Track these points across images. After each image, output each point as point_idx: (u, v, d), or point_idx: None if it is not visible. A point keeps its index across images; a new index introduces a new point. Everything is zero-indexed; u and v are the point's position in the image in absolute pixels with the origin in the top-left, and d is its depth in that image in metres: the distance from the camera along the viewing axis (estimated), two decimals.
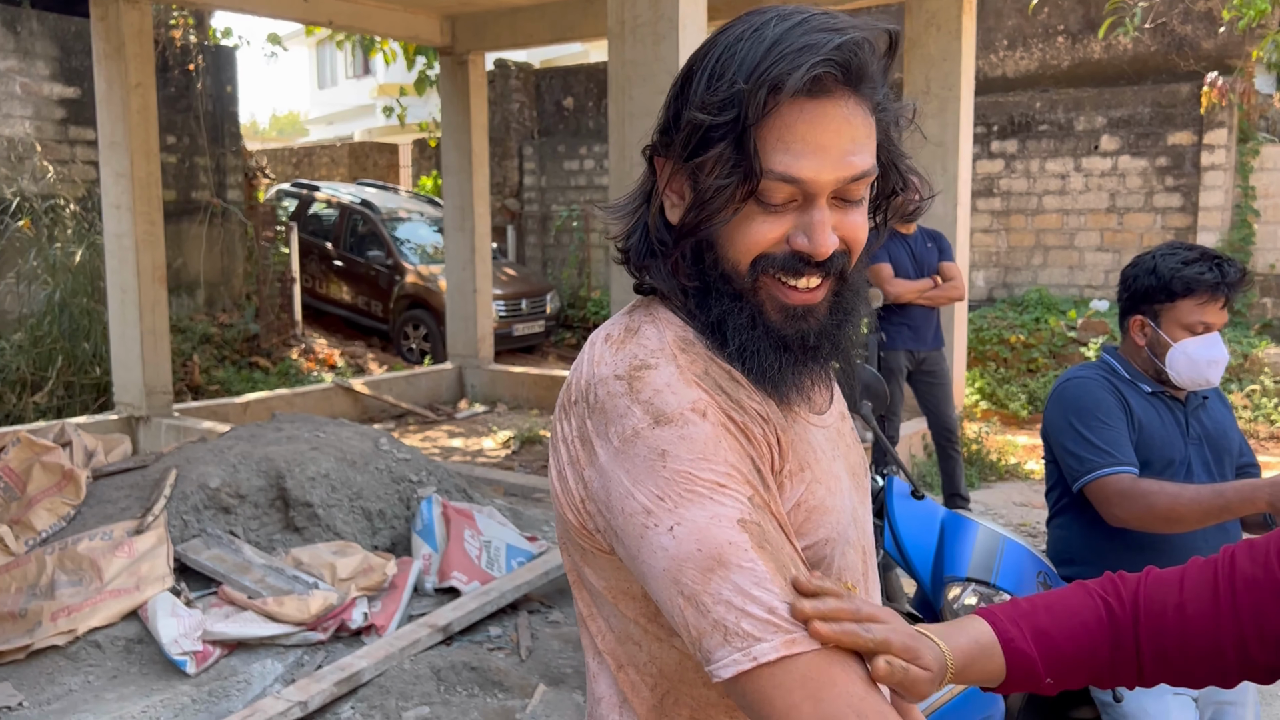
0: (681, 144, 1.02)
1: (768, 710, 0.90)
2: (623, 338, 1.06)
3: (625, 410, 0.99)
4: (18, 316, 9.10)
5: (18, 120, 9.53)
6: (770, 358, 1.04)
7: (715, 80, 0.99)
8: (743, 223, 1.01)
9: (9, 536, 3.96)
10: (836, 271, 1.04)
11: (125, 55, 7.33)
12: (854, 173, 1.00)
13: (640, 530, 0.96)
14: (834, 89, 0.98)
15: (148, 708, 3.35)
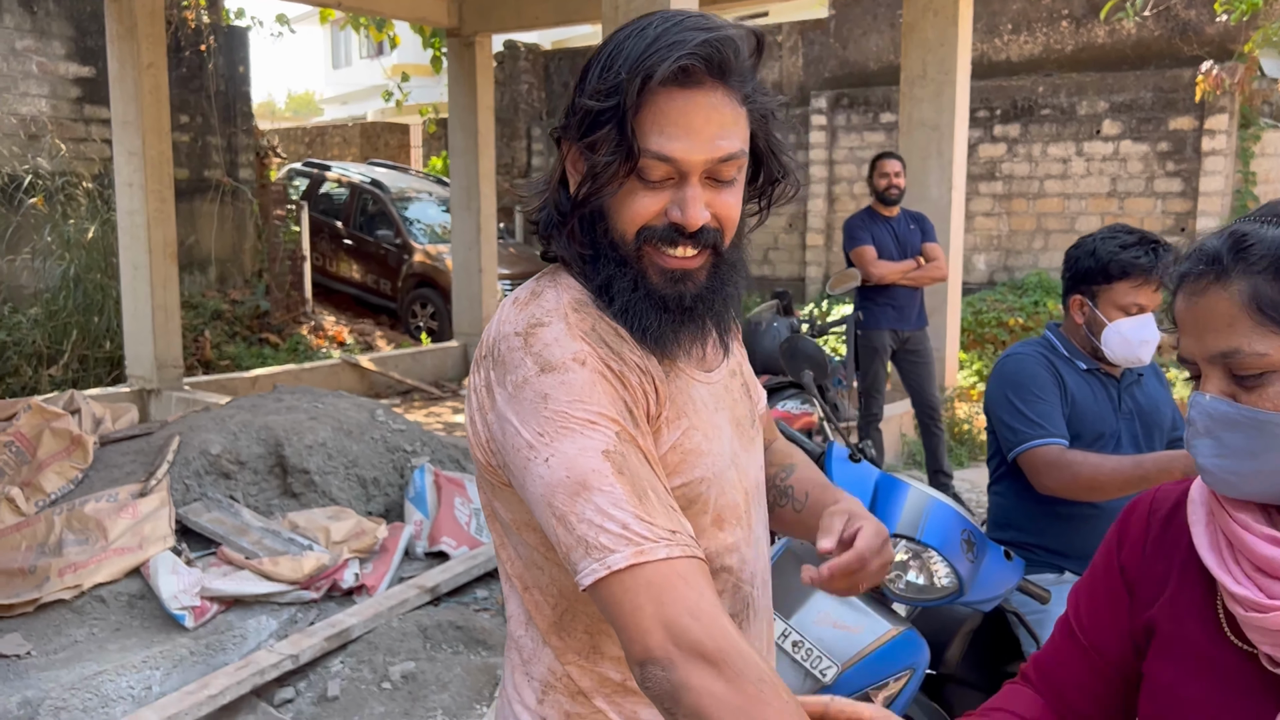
0: (576, 126, 1.17)
1: (617, 611, 1.03)
2: (527, 300, 1.21)
3: (519, 361, 1.14)
4: (33, 291, 9.31)
5: (34, 99, 9.72)
6: (650, 316, 1.18)
7: (604, 71, 1.15)
8: (627, 197, 1.17)
9: (20, 498, 4.15)
10: (710, 244, 1.19)
11: (138, 35, 7.49)
12: (721, 154, 1.15)
13: (524, 462, 1.10)
14: (703, 80, 1.13)
15: (148, 658, 3.54)
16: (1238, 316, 0.97)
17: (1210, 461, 1.02)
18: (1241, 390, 0.98)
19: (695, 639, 1.00)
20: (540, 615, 1.26)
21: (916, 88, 7.53)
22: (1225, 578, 1.04)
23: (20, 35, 9.56)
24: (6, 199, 9.14)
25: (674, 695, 1.00)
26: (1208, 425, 1.01)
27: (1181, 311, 1.03)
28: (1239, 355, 0.97)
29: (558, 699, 1.26)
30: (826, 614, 2.29)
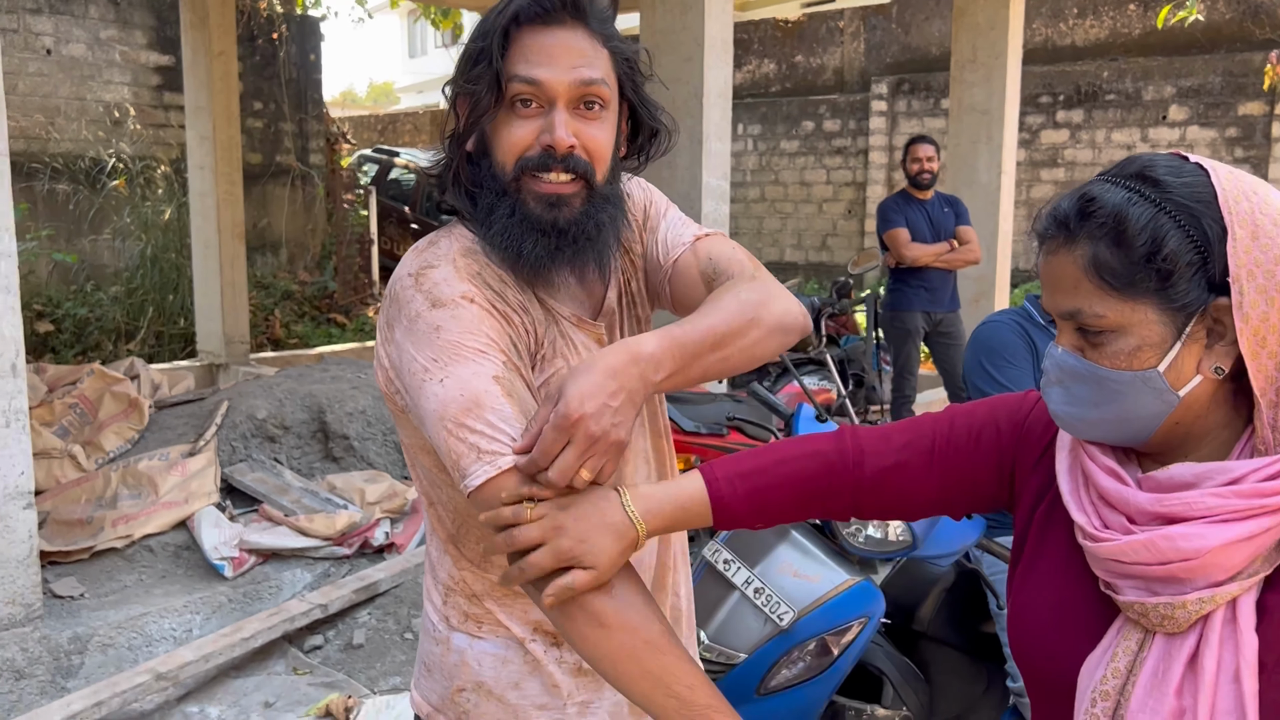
0: (458, 74, 1.31)
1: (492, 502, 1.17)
2: (424, 248, 1.34)
3: (411, 299, 1.27)
4: (114, 270, 9.79)
5: (117, 86, 10.20)
6: (527, 240, 1.29)
7: (481, 23, 1.30)
8: (503, 127, 1.29)
9: (81, 455, 4.46)
10: (580, 172, 1.29)
11: (209, 25, 7.84)
12: (582, 78, 1.27)
13: (419, 384, 1.23)
14: (564, 19, 1.27)
15: (189, 603, 3.80)
16: (1080, 279, 1.02)
17: (1060, 408, 1.09)
18: (1088, 345, 1.04)
19: None
20: (441, 527, 1.42)
21: (966, 72, 7.50)
22: (1071, 503, 1.10)
23: (104, 25, 10.04)
24: (90, 181, 9.62)
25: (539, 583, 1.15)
26: (1058, 375, 1.07)
27: (1040, 267, 1.09)
28: (1081, 315, 1.02)
29: (457, 600, 1.42)
30: (788, 564, 2.41)
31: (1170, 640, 1.01)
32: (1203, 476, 1.00)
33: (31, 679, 3.40)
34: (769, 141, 12.64)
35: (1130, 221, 0.99)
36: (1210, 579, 0.98)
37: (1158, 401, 1.01)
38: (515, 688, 1.41)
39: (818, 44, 12.59)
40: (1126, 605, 1.04)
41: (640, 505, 1.18)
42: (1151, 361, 1.00)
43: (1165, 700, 0.99)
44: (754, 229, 12.92)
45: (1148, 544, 1.00)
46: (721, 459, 1.27)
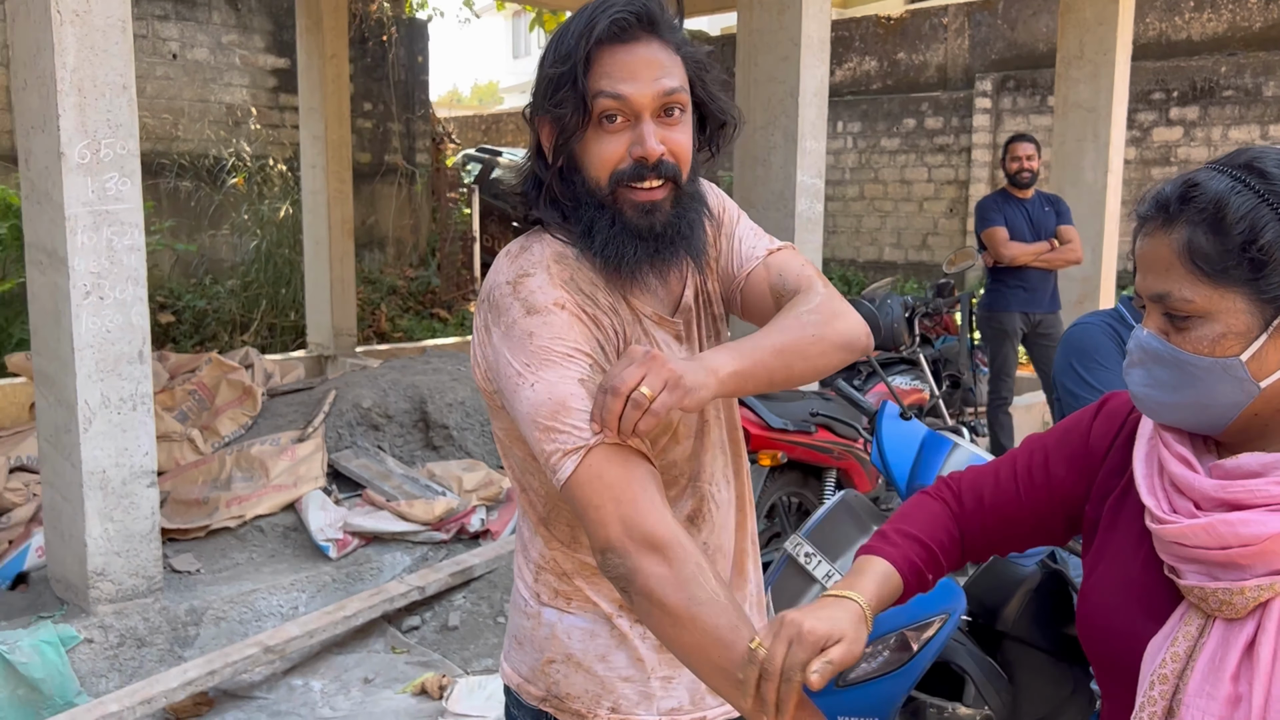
0: (541, 97, 1.38)
1: (584, 508, 1.25)
2: (517, 253, 1.42)
3: (509, 305, 1.36)
4: (231, 265, 10.24)
5: (236, 88, 10.66)
6: (628, 246, 1.38)
7: (557, 46, 1.37)
8: (593, 144, 1.36)
9: (199, 439, 4.72)
10: (670, 176, 1.37)
11: (323, 29, 8.15)
12: (664, 89, 1.34)
13: (514, 387, 1.32)
14: (639, 34, 1.34)
15: (295, 581, 4.00)
16: (1173, 262, 1.03)
17: (1140, 389, 1.11)
18: (1173, 329, 1.06)
19: (645, 531, 1.22)
20: (533, 511, 1.51)
21: (1073, 68, 7.34)
22: (1143, 487, 1.13)
23: (226, 31, 10.50)
24: (211, 179, 10.08)
25: (628, 578, 1.23)
26: (1140, 357, 1.10)
27: (1137, 251, 1.11)
28: (1169, 299, 1.04)
29: (548, 578, 1.51)
30: None
31: (1229, 626, 1.02)
32: (1269, 466, 1.02)
33: (152, 647, 3.62)
34: (869, 139, 12.53)
35: (1230, 209, 1.00)
36: (1270, 566, 1.00)
37: (1237, 390, 1.03)
38: (602, 660, 1.49)
39: (920, 40, 12.42)
40: (1188, 589, 1.05)
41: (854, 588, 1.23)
42: (1234, 350, 1.02)
43: (1221, 685, 1.00)
44: (852, 227, 12.82)
45: (1208, 528, 1.02)
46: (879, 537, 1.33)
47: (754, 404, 3.73)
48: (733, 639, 1.17)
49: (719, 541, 1.55)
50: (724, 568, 1.57)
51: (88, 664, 3.48)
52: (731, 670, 1.16)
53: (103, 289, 3.41)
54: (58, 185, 3.32)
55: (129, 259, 3.46)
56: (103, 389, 3.44)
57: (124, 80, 3.38)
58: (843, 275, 12.37)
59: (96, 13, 3.31)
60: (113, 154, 3.38)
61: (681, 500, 1.50)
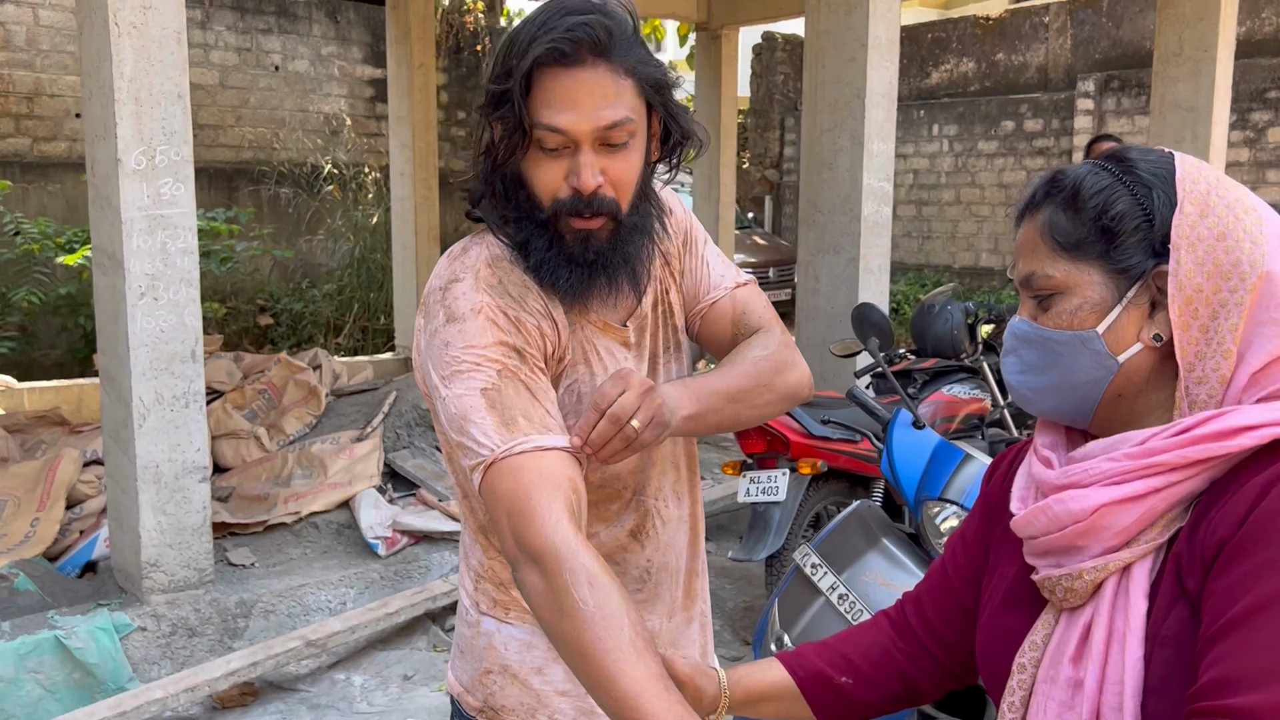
0: (486, 106, 1.35)
1: (493, 523, 1.25)
2: (457, 255, 1.41)
3: (435, 312, 1.35)
4: (327, 269, 10.56)
5: (334, 98, 10.99)
6: (561, 270, 1.36)
7: (503, 57, 1.32)
8: (534, 165, 1.33)
9: (265, 437, 4.86)
10: (606, 211, 1.33)
11: (411, 39, 8.34)
12: (605, 123, 1.29)
13: (436, 399, 1.33)
14: (584, 57, 1.27)
15: (345, 577, 4.08)
16: (1037, 243, 1.06)
17: (1013, 377, 1.11)
18: (1039, 311, 1.07)
19: (527, 541, 1.18)
20: (473, 518, 1.49)
21: (1170, 67, 7.03)
22: (1015, 498, 1.11)
23: (325, 43, 10.84)
24: (308, 186, 10.41)
25: (521, 590, 1.20)
26: (1013, 343, 1.10)
27: (1015, 241, 1.13)
28: (1034, 278, 1.06)
29: (486, 587, 1.50)
30: (877, 571, 2.37)
31: (1072, 612, 1.02)
32: (1111, 446, 1.02)
33: (202, 637, 3.74)
34: (965, 142, 12.20)
35: (1085, 187, 1.04)
36: (1103, 543, 0.99)
37: (1096, 366, 1.03)
38: (538, 673, 1.46)
39: (1020, 40, 12.04)
40: (1039, 583, 1.05)
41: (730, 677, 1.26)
42: (1091, 322, 1.02)
43: (1062, 669, 1.00)
44: (948, 232, 12.51)
45: (1044, 509, 1.03)
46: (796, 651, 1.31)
47: (796, 410, 3.66)
48: (593, 652, 1.10)
49: (664, 559, 1.51)
50: (671, 587, 1.52)
51: (141, 651, 3.62)
52: (598, 686, 1.10)
53: (157, 290, 3.54)
54: (116, 191, 3.46)
55: (182, 261, 3.59)
56: (156, 386, 3.58)
57: (178, 89, 3.51)
58: (937, 281, 12.07)
59: (153, 24, 3.45)
60: (167, 160, 3.52)
61: (624, 515, 1.47)
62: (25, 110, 9.26)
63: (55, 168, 9.34)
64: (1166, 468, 0.96)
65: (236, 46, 10.30)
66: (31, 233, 8.39)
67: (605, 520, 1.46)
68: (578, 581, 1.14)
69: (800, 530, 3.72)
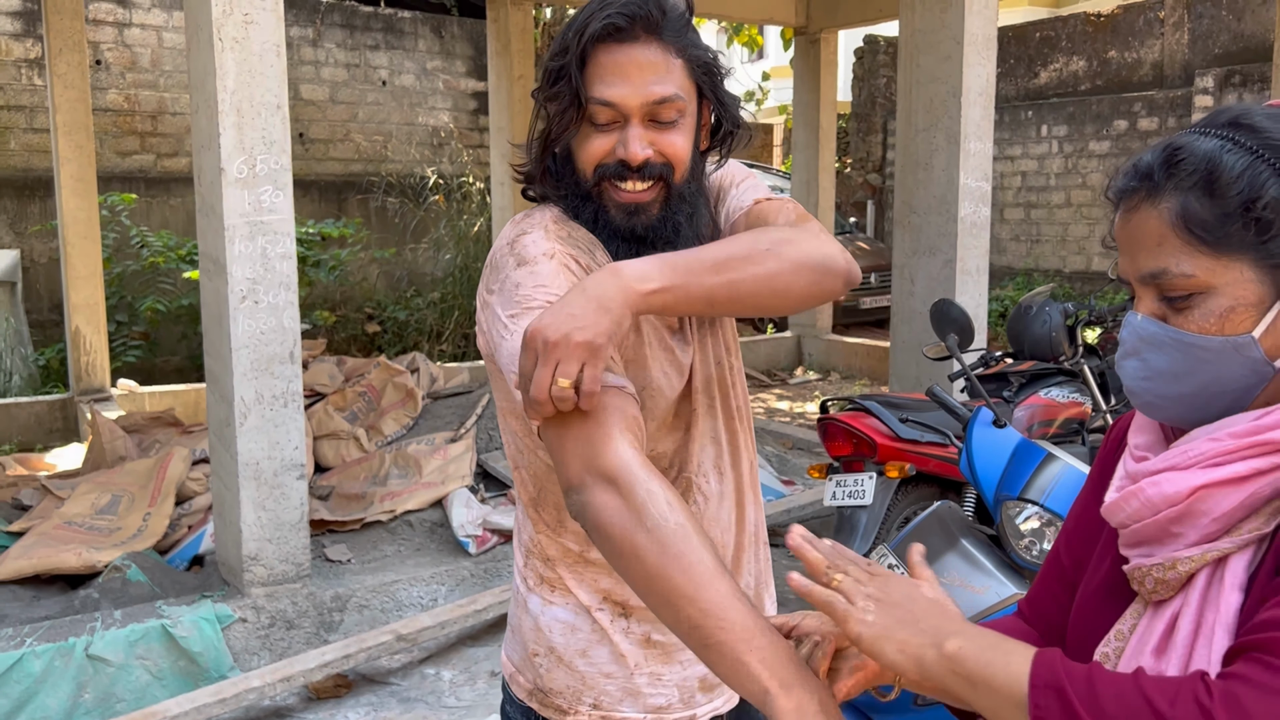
0: (542, 85, 1.40)
1: (552, 451, 1.22)
2: (520, 219, 1.44)
3: (505, 262, 1.37)
4: (431, 278, 10.82)
5: (439, 111, 11.26)
6: (611, 245, 1.38)
7: (562, 36, 1.37)
8: (583, 140, 1.37)
9: (364, 438, 5.00)
10: (658, 176, 1.35)
11: (510, 51, 8.51)
12: (655, 97, 1.32)
13: (499, 340, 1.32)
14: (638, 34, 1.31)
15: (436, 574, 4.17)
16: (1166, 235, 0.94)
17: (1136, 383, 1.00)
18: (1171, 311, 0.95)
19: (600, 463, 1.15)
20: (525, 491, 1.51)
21: None
22: (1111, 489, 1.03)
23: (430, 57, 11.12)
24: (415, 196, 10.70)
25: (584, 513, 1.17)
26: (1135, 345, 0.99)
27: (1118, 230, 1.01)
28: (1166, 275, 0.94)
29: (534, 563, 1.51)
30: (955, 573, 2.31)
31: (1160, 604, 0.96)
32: (1215, 428, 0.93)
33: (299, 629, 3.87)
34: (1076, 143, 11.82)
35: (1224, 168, 0.91)
36: (1200, 530, 0.91)
37: (1250, 373, 0.92)
38: (583, 655, 1.46)
39: (1134, 37, 11.62)
40: (1129, 574, 0.98)
41: None
42: (1246, 325, 0.91)
43: (1143, 661, 0.93)
44: (1058, 235, 12.13)
45: (1136, 493, 0.95)
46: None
47: (882, 413, 3.60)
48: (678, 566, 1.07)
49: (715, 535, 1.51)
50: None
51: (241, 641, 3.75)
52: (679, 602, 1.06)
53: (257, 294, 3.69)
54: (219, 198, 3.62)
55: (281, 266, 3.72)
56: (257, 386, 3.72)
57: (277, 100, 3.65)
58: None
59: (254, 39, 3.59)
60: (267, 169, 3.66)
61: None
62: (150, 128, 9.74)
63: (176, 182, 9.80)
64: (1274, 447, 0.88)
65: (346, 63, 10.65)
66: (155, 245, 8.83)
67: None
68: (657, 500, 1.11)
69: (887, 535, 3.65)
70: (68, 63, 6.97)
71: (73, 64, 6.99)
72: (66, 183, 7.05)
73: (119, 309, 8.64)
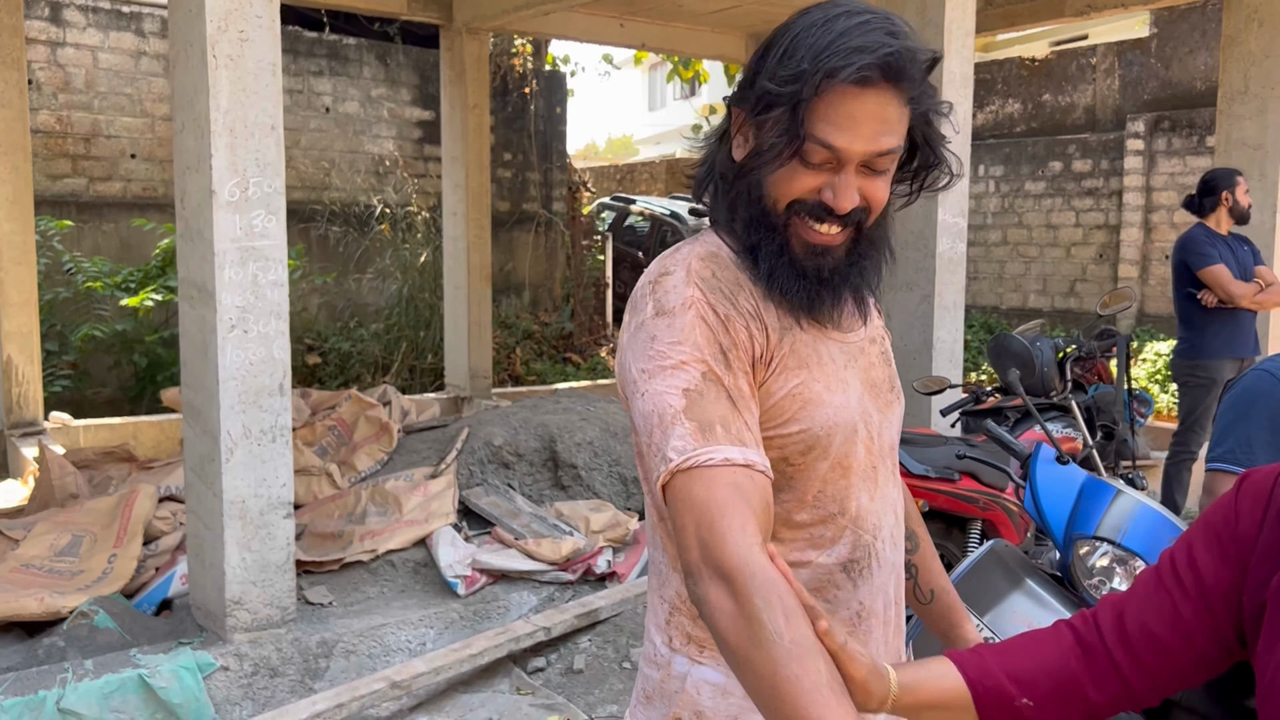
0: (752, 102, 1.28)
1: (675, 528, 1.18)
2: (669, 253, 1.36)
3: (644, 305, 1.30)
4: (375, 308, 10.57)
5: (384, 139, 11.07)
6: (790, 282, 1.29)
7: (786, 58, 1.23)
8: (787, 174, 1.27)
9: (337, 474, 4.80)
10: (854, 223, 1.28)
11: (465, 81, 8.40)
12: (880, 149, 1.24)
13: (632, 394, 1.27)
14: (877, 82, 1.21)
15: (424, 617, 4.00)
16: None
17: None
18: None
19: (717, 557, 1.11)
20: (670, 542, 1.38)
21: (1236, 105, 6.95)
22: None
23: (375, 85, 10.94)
24: (359, 225, 10.46)
25: (700, 606, 1.13)
26: None
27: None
28: None
29: (681, 620, 1.39)
30: (1022, 613, 2.26)
31: None
32: None
33: (284, 677, 3.66)
34: (1012, 183, 12.13)
35: None
36: None
37: None
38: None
39: (1067, 81, 12.00)
40: None
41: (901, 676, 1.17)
42: None
43: None
44: (995, 273, 12.40)
45: None
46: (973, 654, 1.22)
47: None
48: (788, 690, 1.03)
49: (874, 605, 1.41)
50: (881, 636, 1.42)
51: (223, 691, 3.53)
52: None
53: (247, 323, 3.51)
54: (209, 223, 3.44)
55: (273, 294, 3.55)
56: (244, 420, 3.53)
57: (272, 121, 3.50)
58: (985, 323, 11.95)
59: (249, 57, 3.44)
60: (260, 192, 3.50)
61: (838, 544, 1.37)
62: (83, 151, 9.36)
63: (110, 207, 9.43)
64: None
65: (289, 88, 10.40)
66: (90, 271, 8.46)
67: (818, 546, 1.36)
68: (773, 611, 1.07)
69: None
70: (4, 80, 6.66)
71: (10, 82, 6.68)
72: (1, 205, 6.72)
73: (48, 338, 8.23)
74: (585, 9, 8.57)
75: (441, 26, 8.32)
